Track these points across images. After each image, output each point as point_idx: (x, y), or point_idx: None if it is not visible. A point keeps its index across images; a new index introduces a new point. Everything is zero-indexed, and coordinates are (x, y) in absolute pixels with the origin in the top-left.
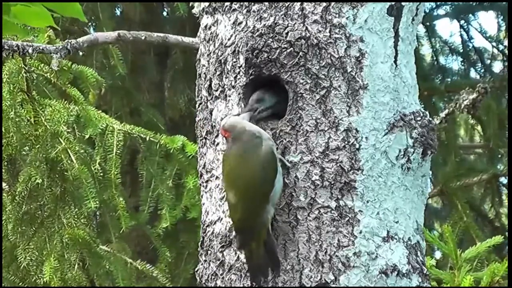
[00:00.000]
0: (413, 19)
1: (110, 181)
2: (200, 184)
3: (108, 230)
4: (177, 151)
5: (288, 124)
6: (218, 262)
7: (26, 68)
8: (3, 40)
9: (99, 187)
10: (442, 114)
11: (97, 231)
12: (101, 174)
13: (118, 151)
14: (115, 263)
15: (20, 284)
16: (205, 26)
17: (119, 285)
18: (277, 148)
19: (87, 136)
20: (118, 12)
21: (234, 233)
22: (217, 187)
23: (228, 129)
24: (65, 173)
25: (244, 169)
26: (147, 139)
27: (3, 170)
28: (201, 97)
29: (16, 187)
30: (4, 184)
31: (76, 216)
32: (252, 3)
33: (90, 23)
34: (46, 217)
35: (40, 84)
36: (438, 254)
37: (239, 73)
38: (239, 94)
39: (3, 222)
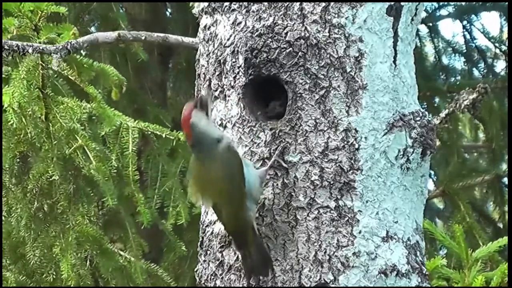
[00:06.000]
0: (412, 19)
1: (127, 179)
2: None
3: (112, 228)
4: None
5: (287, 124)
6: (218, 262)
7: (44, 65)
8: (3, 40)
9: (114, 185)
10: (442, 114)
11: (105, 229)
12: (115, 171)
13: (133, 148)
14: (125, 261)
15: (29, 282)
16: (204, 26)
17: (136, 283)
18: (276, 148)
19: (102, 133)
20: (121, 11)
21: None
22: None
23: (190, 128)
24: (78, 170)
25: (208, 173)
26: (164, 136)
27: (15, 167)
28: None
29: (28, 184)
30: (13, 180)
31: (87, 214)
32: (251, 3)
33: (93, 23)
34: (59, 214)
35: (56, 81)
36: (440, 254)
37: (238, 73)
38: (238, 94)
39: (14, 219)
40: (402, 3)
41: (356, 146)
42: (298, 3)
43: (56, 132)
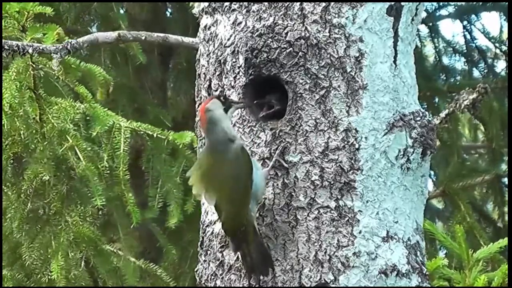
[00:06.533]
0: (412, 19)
1: (118, 178)
2: None
3: (112, 228)
4: (185, 147)
5: (287, 124)
6: (218, 262)
7: (34, 66)
8: (3, 40)
9: (107, 185)
10: (442, 114)
11: (102, 230)
12: (108, 171)
13: (125, 148)
14: (122, 262)
15: (26, 282)
16: (205, 26)
17: (127, 284)
18: (276, 148)
19: (94, 134)
20: (121, 11)
21: (225, 234)
22: None
23: (206, 119)
24: (72, 171)
25: (217, 171)
26: (155, 135)
27: (8, 169)
28: (201, 97)
29: (22, 185)
30: (8, 180)
31: (81, 214)
32: (252, 3)
33: (93, 23)
34: (52, 215)
35: (49, 80)
36: (439, 254)
37: (238, 73)
38: (238, 94)
39: (8, 220)
40: (402, 3)
41: (357, 146)
42: (298, 3)
43: (48, 132)
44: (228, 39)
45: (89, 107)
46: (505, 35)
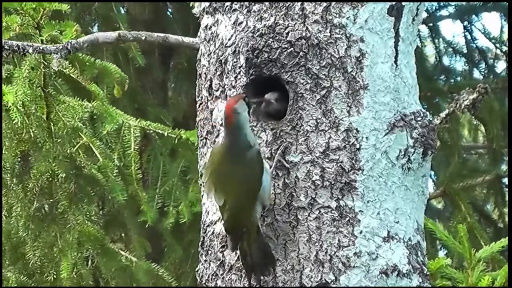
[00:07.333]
0: (413, 19)
1: (130, 177)
2: (201, 184)
3: (113, 229)
4: (186, 148)
5: (288, 124)
6: (219, 262)
7: (45, 63)
8: (3, 40)
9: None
10: (443, 114)
11: (105, 229)
12: (117, 170)
13: (135, 147)
14: (134, 263)
15: (29, 282)
16: (206, 26)
17: (143, 282)
18: (277, 149)
19: (104, 132)
20: (122, 11)
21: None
22: None
23: (233, 121)
24: (79, 170)
25: (229, 173)
26: (165, 134)
27: (16, 166)
28: (202, 97)
29: (28, 183)
30: (14, 180)
31: (88, 213)
32: (253, 3)
33: (94, 23)
34: (59, 214)
35: (55, 82)
36: (440, 254)
37: (239, 73)
38: (239, 94)
39: (13, 218)
40: (403, 3)
41: (357, 146)
42: (299, 3)
43: (58, 130)
44: (229, 39)
45: (99, 105)
46: (505, 36)
